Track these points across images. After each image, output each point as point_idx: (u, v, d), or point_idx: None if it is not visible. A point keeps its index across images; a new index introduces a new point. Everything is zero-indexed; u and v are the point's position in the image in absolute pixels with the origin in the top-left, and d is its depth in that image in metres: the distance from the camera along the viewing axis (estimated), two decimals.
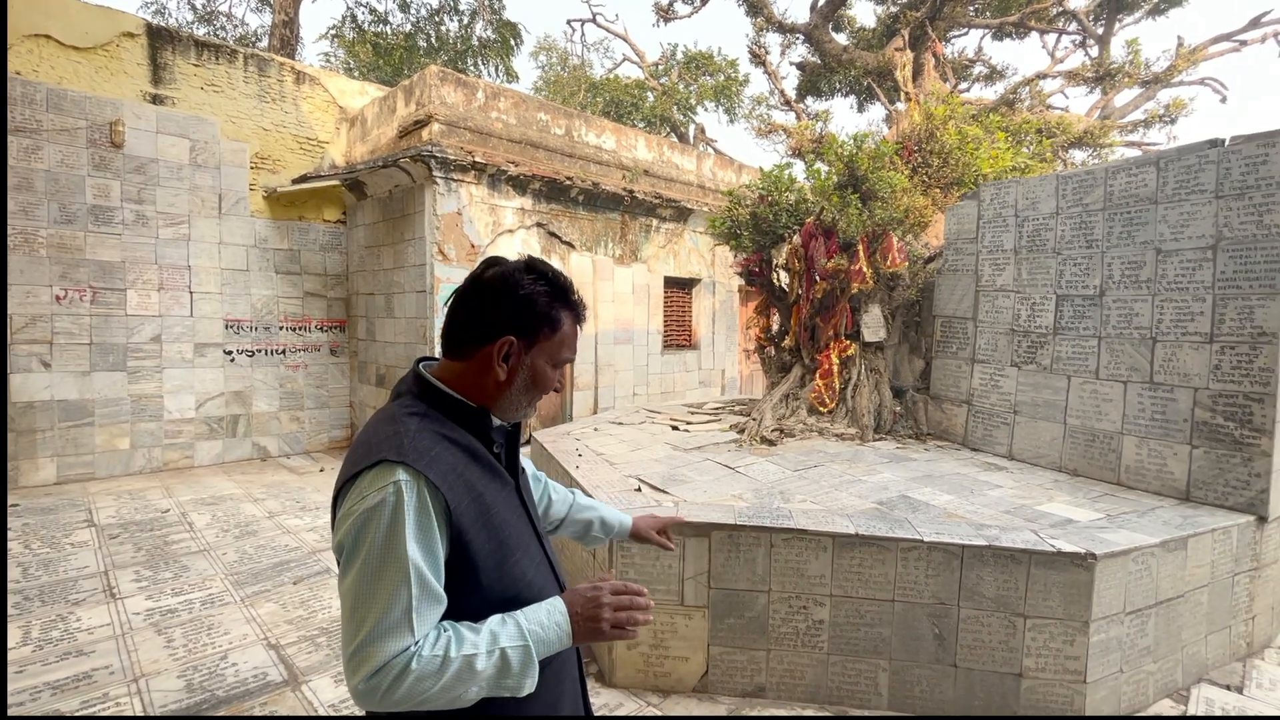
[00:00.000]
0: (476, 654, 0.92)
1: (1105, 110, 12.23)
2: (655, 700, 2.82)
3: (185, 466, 7.15)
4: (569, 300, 1.13)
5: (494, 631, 0.96)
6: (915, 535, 2.73)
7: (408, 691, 0.89)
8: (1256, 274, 3.25)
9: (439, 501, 0.96)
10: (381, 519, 0.92)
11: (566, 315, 1.13)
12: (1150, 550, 2.76)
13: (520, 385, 1.11)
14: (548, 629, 0.99)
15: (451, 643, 0.93)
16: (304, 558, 4.47)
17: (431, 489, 0.96)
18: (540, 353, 1.11)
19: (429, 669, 0.90)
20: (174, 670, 3.02)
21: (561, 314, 1.11)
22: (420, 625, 0.91)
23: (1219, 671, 3.10)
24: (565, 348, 1.14)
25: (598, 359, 8.56)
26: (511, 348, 1.08)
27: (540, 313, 1.09)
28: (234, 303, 7.46)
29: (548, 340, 1.11)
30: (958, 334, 4.76)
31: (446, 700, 0.92)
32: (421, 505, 0.94)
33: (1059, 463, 4.08)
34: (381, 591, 0.90)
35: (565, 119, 8.36)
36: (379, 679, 0.88)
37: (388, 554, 0.91)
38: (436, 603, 0.95)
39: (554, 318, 1.10)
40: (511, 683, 0.95)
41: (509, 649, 0.94)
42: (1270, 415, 3.19)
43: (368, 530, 0.92)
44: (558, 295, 1.11)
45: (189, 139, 7.08)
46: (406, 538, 0.92)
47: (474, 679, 0.92)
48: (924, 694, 2.73)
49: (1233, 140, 3.40)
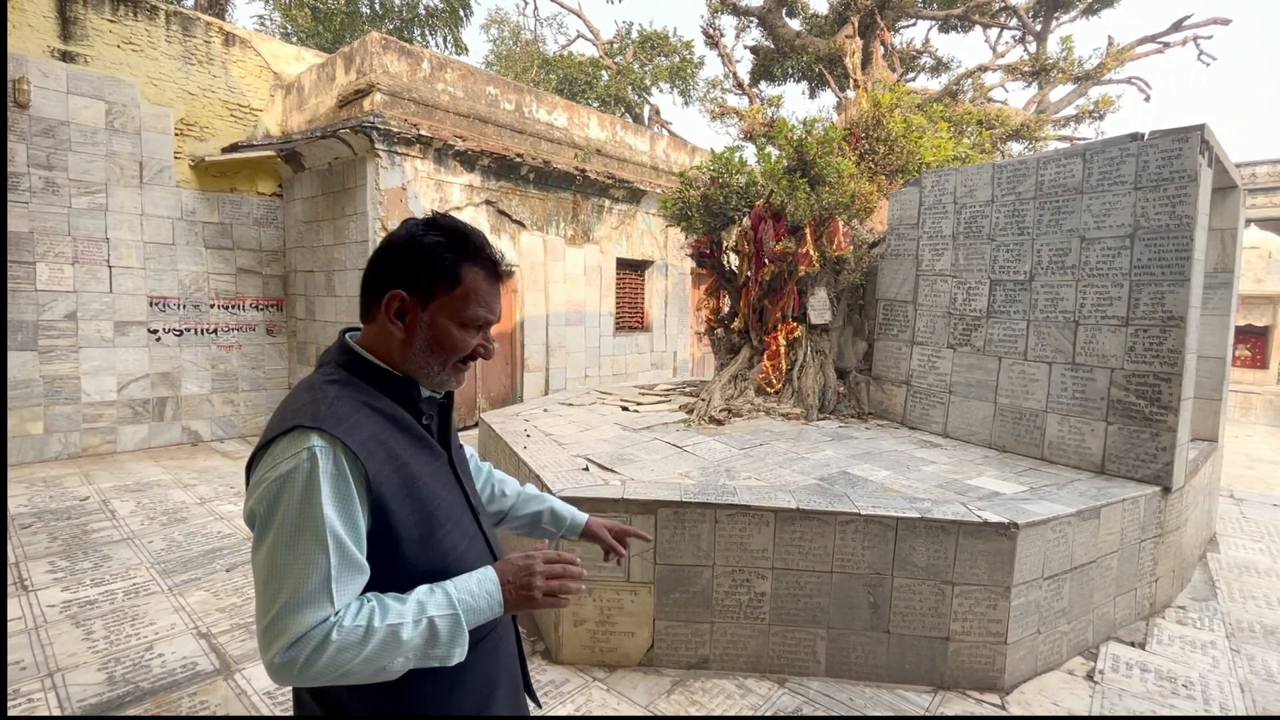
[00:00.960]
0: (402, 624, 0.90)
1: (1041, 105, 12.75)
2: (601, 675, 2.84)
3: (107, 452, 6.74)
4: (470, 253, 1.06)
5: (421, 601, 0.93)
6: (853, 509, 2.82)
7: (328, 664, 0.86)
8: (1168, 262, 3.47)
9: (357, 469, 0.93)
10: (295, 486, 0.89)
11: (469, 269, 1.06)
12: (1067, 520, 2.94)
13: (422, 345, 1.06)
14: (478, 597, 0.96)
15: (375, 612, 0.90)
16: (238, 544, 4.29)
17: (349, 455, 0.93)
18: (440, 310, 1.05)
19: (351, 640, 0.86)
20: (94, 663, 2.87)
21: (462, 267, 1.05)
22: (340, 595, 0.88)
23: (1125, 630, 3.35)
24: (472, 304, 1.06)
25: (549, 340, 8.47)
26: (403, 303, 1.04)
27: (434, 266, 1.04)
28: (159, 278, 7.03)
29: (446, 295, 1.05)
30: (898, 317, 4.92)
31: (370, 672, 0.89)
32: (338, 472, 0.91)
33: (989, 440, 4.29)
34: (297, 561, 0.87)
35: (515, 94, 8.15)
36: (296, 651, 0.85)
37: (303, 522, 0.88)
38: (358, 572, 0.92)
39: (452, 271, 1.04)
40: (440, 652, 0.93)
41: (437, 618, 0.92)
42: (1176, 393, 3.43)
43: (281, 498, 0.89)
44: (456, 247, 1.05)
45: (105, 101, 6.58)
46: (322, 504, 0.88)
47: (399, 649, 0.89)
48: (859, 660, 2.85)
49: (1151, 134, 3.60)
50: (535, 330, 8.30)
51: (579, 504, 2.87)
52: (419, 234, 1.05)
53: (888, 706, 2.66)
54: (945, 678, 2.81)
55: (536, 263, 8.25)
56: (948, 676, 2.81)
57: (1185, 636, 3.32)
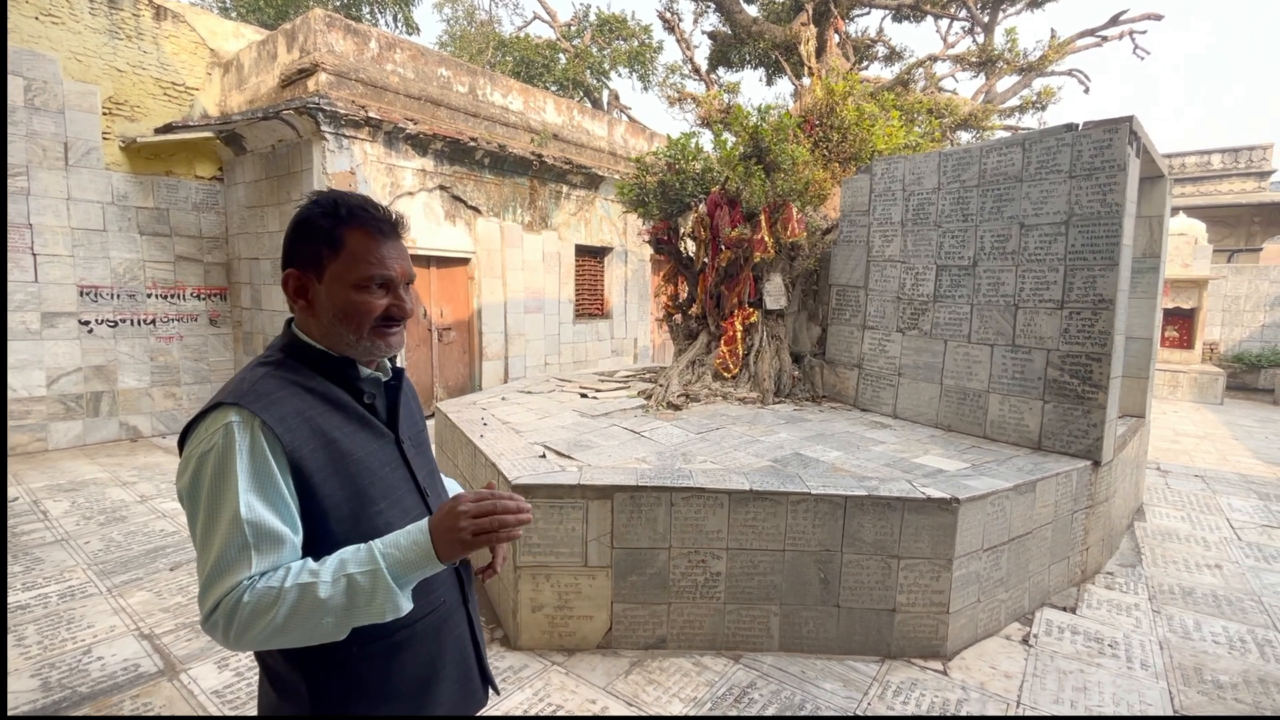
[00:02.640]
0: (316, 583, 0.90)
1: (988, 95, 13.14)
2: (560, 659, 2.87)
3: (37, 450, 6.39)
4: (345, 215, 1.05)
5: (343, 559, 0.93)
6: (805, 489, 2.90)
7: (247, 625, 0.88)
8: (1099, 247, 3.64)
9: (275, 443, 0.95)
10: (212, 461, 0.93)
11: (349, 231, 1.05)
12: (1005, 494, 3.09)
13: (330, 318, 1.07)
14: (405, 549, 0.93)
15: (289, 574, 0.91)
16: (182, 542, 4.14)
17: (266, 430, 0.95)
18: (334, 279, 1.05)
19: (264, 601, 0.88)
20: (26, 670, 2.74)
21: (341, 229, 1.05)
22: (259, 561, 0.91)
23: (1059, 596, 3.55)
24: (360, 263, 1.05)
25: (507, 328, 8.38)
26: (299, 280, 1.07)
27: (314, 236, 1.05)
28: (89, 267, 6.65)
29: (333, 262, 1.05)
30: (851, 302, 5.04)
31: (304, 633, 0.90)
32: (254, 445, 0.94)
33: (936, 420, 4.45)
34: (217, 532, 0.91)
35: (469, 76, 7.96)
36: (216, 615, 0.89)
37: (220, 495, 0.92)
38: (276, 539, 0.93)
39: (331, 235, 1.05)
40: (371, 609, 0.91)
41: (357, 574, 0.91)
42: (1106, 372, 3.62)
43: (202, 474, 0.93)
44: (331, 213, 1.05)
45: (23, 77, 6.15)
46: (238, 476, 0.92)
47: (322, 609, 0.89)
48: (810, 634, 2.95)
49: (1085, 125, 3.75)
50: (494, 318, 8.19)
51: (534, 490, 2.88)
52: (301, 211, 1.07)
53: (837, 677, 2.77)
54: (891, 647, 2.93)
55: (494, 249, 8.12)
56: (894, 646, 2.93)
57: (1112, 600, 3.53)
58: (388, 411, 1.17)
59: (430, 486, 1.21)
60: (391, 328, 1.10)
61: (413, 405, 1.28)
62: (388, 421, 1.16)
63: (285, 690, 1.07)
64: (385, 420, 1.15)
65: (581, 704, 2.56)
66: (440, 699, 1.15)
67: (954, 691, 2.69)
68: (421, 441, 1.26)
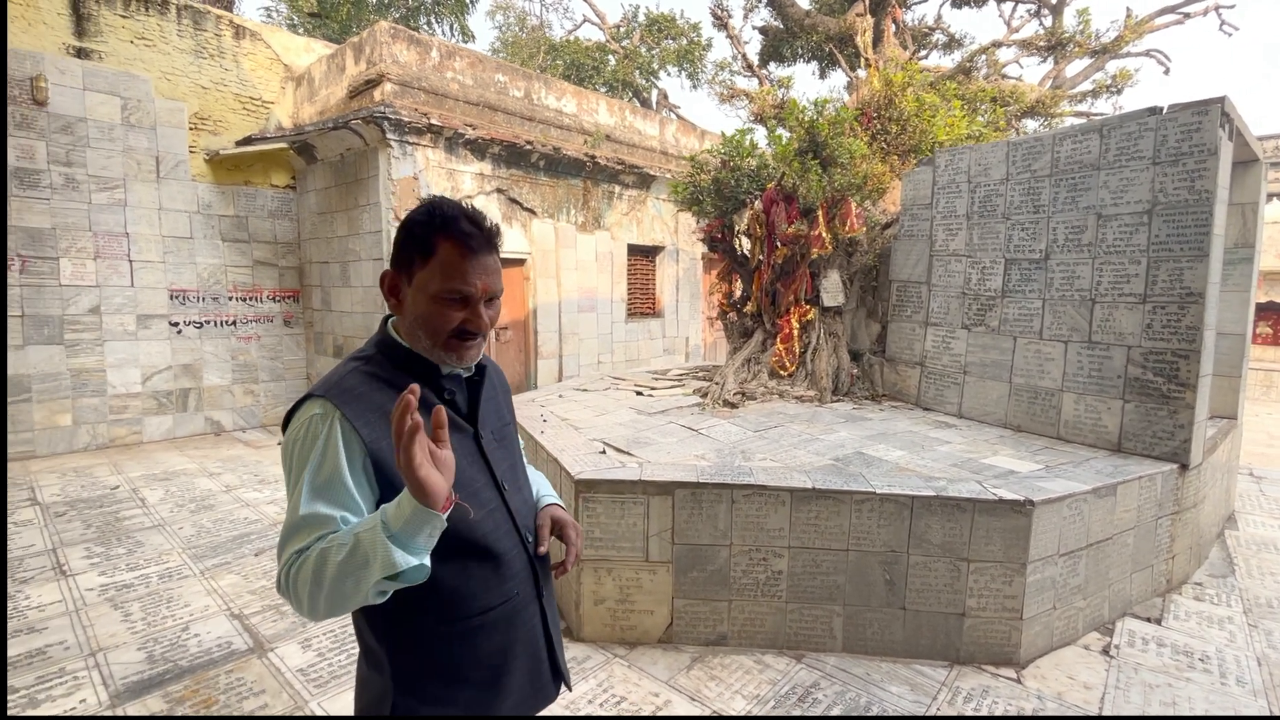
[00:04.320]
0: (331, 545, 0.94)
1: (1057, 80, 12.50)
2: (622, 652, 2.91)
3: (134, 442, 6.90)
4: (439, 224, 1.07)
5: (356, 523, 0.96)
6: (869, 488, 2.85)
7: (298, 589, 0.95)
8: (1187, 237, 3.43)
9: (353, 435, 1.03)
10: (296, 449, 1.03)
11: (440, 240, 1.07)
12: (1083, 497, 2.95)
13: (413, 321, 1.11)
14: (399, 503, 0.91)
15: (319, 542, 0.96)
16: (265, 530, 4.40)
17: (345, 423, 1.02)
18: (420, 285, 1.09)
19: (302, 568, 0.95)
20: (133, 643, 2.98)
21: (435, 239, 1.07)
22: (317, 534, 0.98)
23: (1142, 606, 3.36)
24: (442, 276, 1.06)
25: (561, 327, 8.52)
26: (393, 280, 1.13)
27: (411, 240, 1.10)
28: (178, 272, 7.14)
29: (421, 269, 1.08)
30: (912, 298, 4.90)
31: (339, 593, 0.92)
32: (330, 437, 1.01)
33: (1004, 420, 4.29)
34: (292, 508, 1.01)
35: (524, 81, 8.14)
36: (281, 576, 0.98)
37: (296, 480, 1.01)
38: (328, 521, 0.99)
39: (426, 243, 1.08)
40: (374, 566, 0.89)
41: (362, 533, 0.92)
42: (1194, 370, 3.41)
43: (289, 459, 1.04)
44: (428, 219, 1.08)
45: (120, 97, 6.66)
46: (310, 460, 1.00)
47: (341, 568, 0.91)
48: (875, 635, 2.90)
49: (1170, 108, 3.54)
50: (548, 318, 8.35)
51: (597, 486, 2.94)
52: (409, 213, 1.13)
53: (904, 681, 2.71)
54: (961, 653, 2.85)
55: (548, 250, 8.28)
56: (963, 651, 2.85)
57: (1202, 612, 3.33)
58: (468, 406, 1.20)
59: (510, 480, 1.23)
60: (466, 341, 1.12)
61: (499, 399, 1.30)
62: (467, 416, 1.19)
63: (374, 664, 1.14)
64: (465, 415, 1.19)
65: (645, 696, 2.59)
66: (510, 688, 1.18)
67: (1029, 700, 2.59)
68: (505, 435, 1.28)
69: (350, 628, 3.11)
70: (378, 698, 1.13)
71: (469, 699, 1.14)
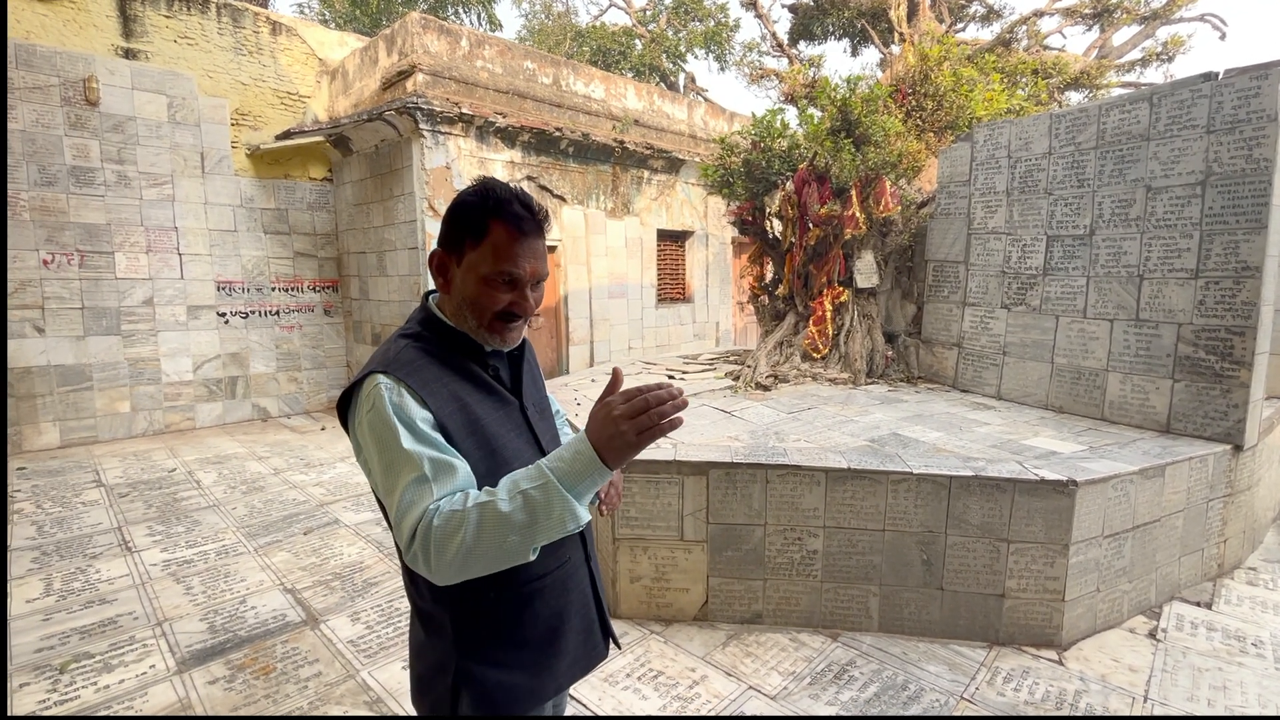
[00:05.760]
0: (494, 500, 0.93)
1: (1103, 50, 11.96)
2: (658, 629, 2.97)
3: (187, 428, 7.22)
4: (491, 206, 1.08)
5: (514, 479, 0.97)
6: (905, 468, 2.84)
7: (441, 547, 0.92)
8: (1244, 209, 3.29)
9: (421, 403, 1.04)
10: (375, 421, 1.02)
11: (495, 223, 1.08)
12: (1129, 477, 2.88)
13: (460, 301, 1.13)
14: (569, 460, 0.94)
15: (468, 498, 0.96)
16: (312, 510, 4.58)
17: (412, 392, 1.04)
18: (469, 266, 1.11)
19: (451, 524, 0.92)
20: (195, 614, 3.15)
21: (488, 221, 1.08)
22: (438, 488, 0.97)
23: (1190, 590, 3.28)
24: (492, 257, 1.09)
25: (592, 313, 8.58)
26: (442, 259, 1.15)
27: (461, 221, 1.10)
28: (224, 264, 7.40)
29: (472, 251, 1.10)
30: (949, 278, 4.80)
31: (494, 552, 0.93)
32: (402, 402, 1.03)
33: (1045, 401, 4.19)
34: (396, 476, 0.99)
35: (552, 67, 8.15)
36: (415, 546, 0.94)
37: (389, 444, 1.00)
38: (448, 467, 1.00)
39: (478, 225, 1.09)
40: (550, 521, 0.93)
41: (531, 489, 0.93)
42: (1250, 348, 3.28)
43: (372, 434, 1.02)
44: (480, 201, 1.09)
45: (166, 95, 6.89)
46: (397, 426, 1.00)
47: (504, 525, 0.92)
48: (912, 615, 2.89)
49: (1226, 73, 3.38)
50: (579, 304, 8.41)
51: (632, 466, 2.98)
52: (459, 194, 1.14)
53: (941, 660, 2.70)
54: (1000, 634, 2.82)
55: (578, 236, 8.32)
56: (1003, 633, 2.82)
57: (1256, 597, 3.23)
58: (512, 380, 1.25)
59: (551, 447, 1.28)
60: (511, 323, 1.15)
61: (535, 373, 1.35)
62: (511, 389, 1.23)
63: (432, 628, 1.17)
64: (510, 388, 1.23)
65: (681, 671, 2.64)
66: (567, 649, 1.24)
67: (1071, 682, 2.56)
68: (544, 407, 1.34)
69: (396, 603, 3.23)
70: (439, 663, 1.16)
71: (529, 659, 1.19)
